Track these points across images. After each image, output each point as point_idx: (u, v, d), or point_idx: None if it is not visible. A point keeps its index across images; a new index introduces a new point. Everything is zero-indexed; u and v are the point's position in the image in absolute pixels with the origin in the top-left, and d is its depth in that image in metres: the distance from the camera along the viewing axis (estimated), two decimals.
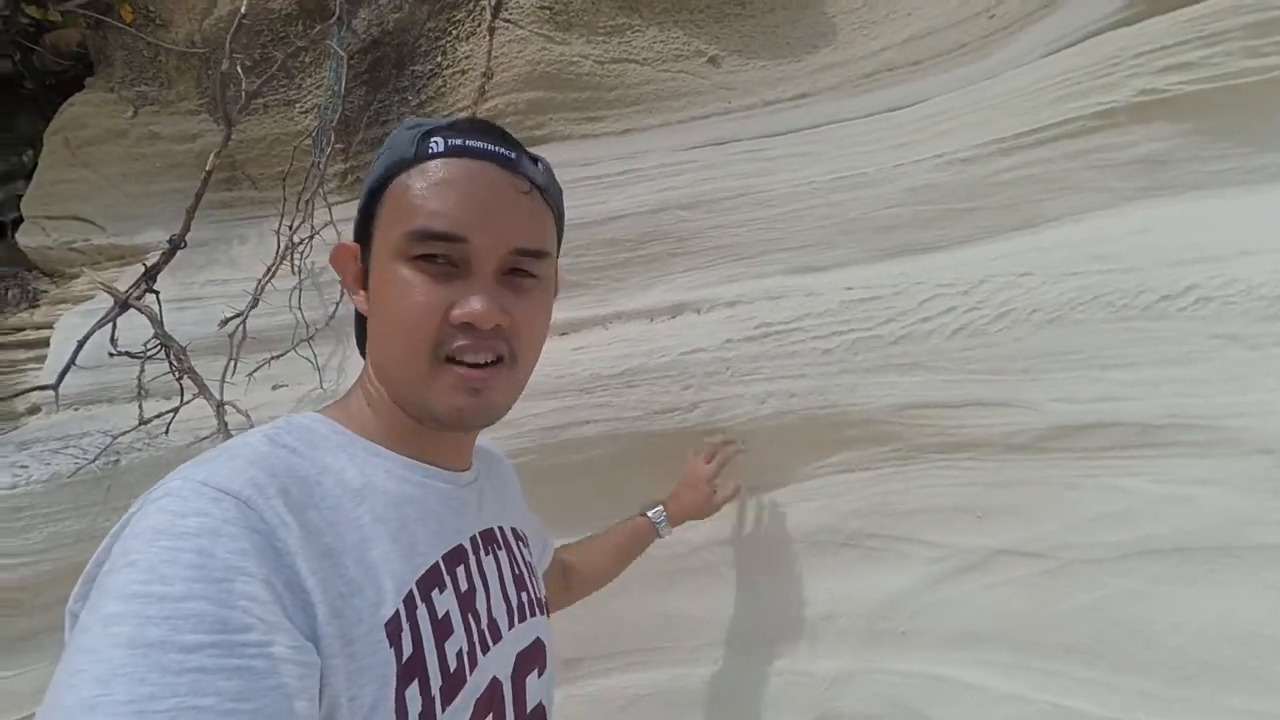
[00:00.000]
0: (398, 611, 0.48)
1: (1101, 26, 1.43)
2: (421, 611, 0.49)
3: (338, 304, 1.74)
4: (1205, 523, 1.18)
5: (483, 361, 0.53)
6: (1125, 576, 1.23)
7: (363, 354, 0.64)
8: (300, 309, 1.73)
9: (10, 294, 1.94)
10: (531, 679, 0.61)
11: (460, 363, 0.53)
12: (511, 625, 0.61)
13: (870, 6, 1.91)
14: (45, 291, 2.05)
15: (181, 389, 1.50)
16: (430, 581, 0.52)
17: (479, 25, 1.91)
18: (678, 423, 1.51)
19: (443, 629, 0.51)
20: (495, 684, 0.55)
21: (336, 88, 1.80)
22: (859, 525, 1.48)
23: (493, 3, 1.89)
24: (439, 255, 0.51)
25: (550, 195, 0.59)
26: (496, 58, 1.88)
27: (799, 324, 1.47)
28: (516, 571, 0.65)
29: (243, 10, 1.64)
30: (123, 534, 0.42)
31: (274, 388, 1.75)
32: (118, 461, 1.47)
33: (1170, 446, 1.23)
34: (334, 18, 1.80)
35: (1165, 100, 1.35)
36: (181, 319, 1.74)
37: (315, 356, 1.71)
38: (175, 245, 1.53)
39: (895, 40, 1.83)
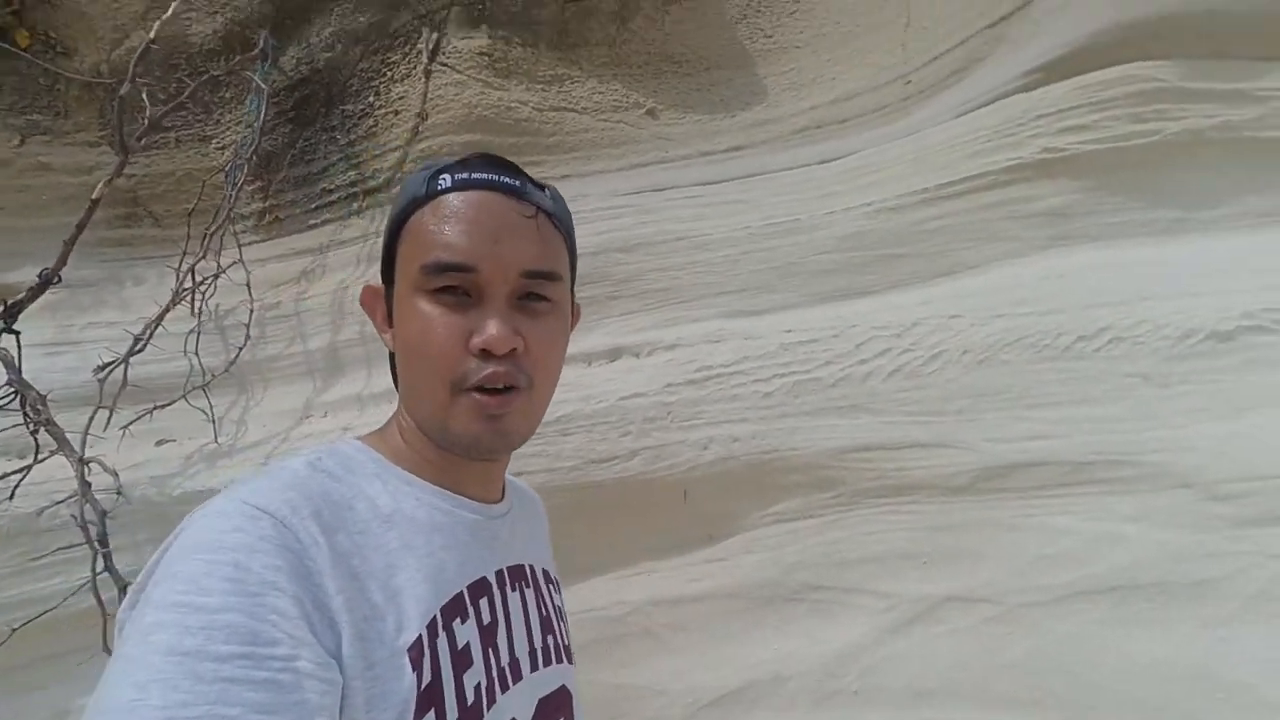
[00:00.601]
0: (420, 637, 0.48)
1: (1007, 91, 1.55)
2: (442, 640, 0.49)
3: (240, 350, 1.59)
4: (1137, 560, 1.19)
5: (499, 387, 0.53)
6: (1066, 620, 1.21)
7: (398, 389, 0.64)
8: (197, 354, 1.57)
9: None
10: None
11: (479, 391, 0.53)
12: (534, 668, 0.59)
13: (798, 70, 2.01)
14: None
15: (37, 445, 1.29)
16: (453, 610, 0.52)
17: (414, 68, 1.88)
18: (616, 472, 1.42)
19: (462, 660, 0.50)
20: None
21: (255, 123, 1.71)
22: (805, 577, 1.42)
23: (429, 47, 1.88)
24: (454, 286, 0.53)
25: (559, 220, 0.60)
26: (432, 100, 1.84)
27: (739, 367, 1.44)
28: (544, 613, 0.63)
29: (150, 35, 1.54)
30: (170, 548, 0.44)
31: (158, 443, 1.55)
32: None
33: (1099, 484, 1.25)
34: (256, 50, 1.72)
35: (1065, 158, 1.45)
36: (52, 365, 1.53)
37: (211, 408, 1.53)
38: (46, 280, 1.35)
39: (822, 101, 1.93)
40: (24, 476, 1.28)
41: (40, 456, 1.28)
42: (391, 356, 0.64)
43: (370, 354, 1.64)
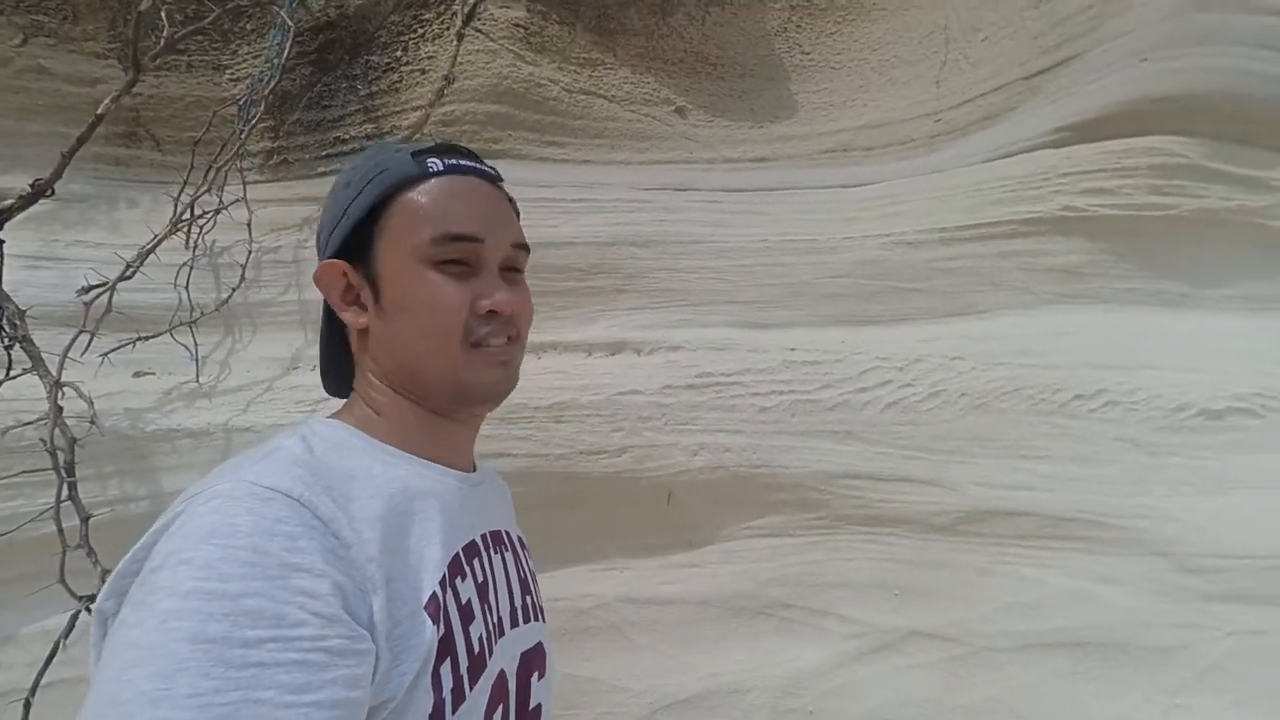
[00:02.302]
0: (434, 593, 0.51)
1: (1035, 145, 1.57)
2: (449, 596, 0.53)
3: (234, 290, 1.53)
4: (1105, 619, 1.21)
5: (502, 342, 0.60)
6: (1028, 669, 1.24)
7: (328, 381, 0.69)
8: (188, 289, 1.51)
9: None
10: (534, 680, 0.64)
11: (485, 345, 0.59)
12: (515, 624, 0.62)
13: (830, 91, 2.01)
14: None
15: (10, 360, 1.23)
16: (455, 569, 0.55)
17: (447, 29, 1.83)
18: (603, 466, 1.41)
19: (467, 614, 0.54)
20: (502, 675, 0.58)
21: (277, 60, 1.65)
22: (778, 594, 1.42)
23: (466, 9, 1.83)
24: (457, 258, 0.58)
25: (515, 206, 0.68)
26: (461, 64, 1.80)
27: (740, 378, 1.44)
28: (521, 575, 0.67)
29: None
30: (169, 533, 0.43)
31: (136, 374, 1.49)
32: None
33: (1077, 541, 1.27)
34: None
35: (1084, 219, 1.47)
36: (32, 279, 1.47)
37: (196, 346, 1.48)
38: (39, 191, 1.29)
39: (851, 125, 1.93)
40: None
41: (13, 373, 1.22)
42: (336, 345, 0.66)
43: None
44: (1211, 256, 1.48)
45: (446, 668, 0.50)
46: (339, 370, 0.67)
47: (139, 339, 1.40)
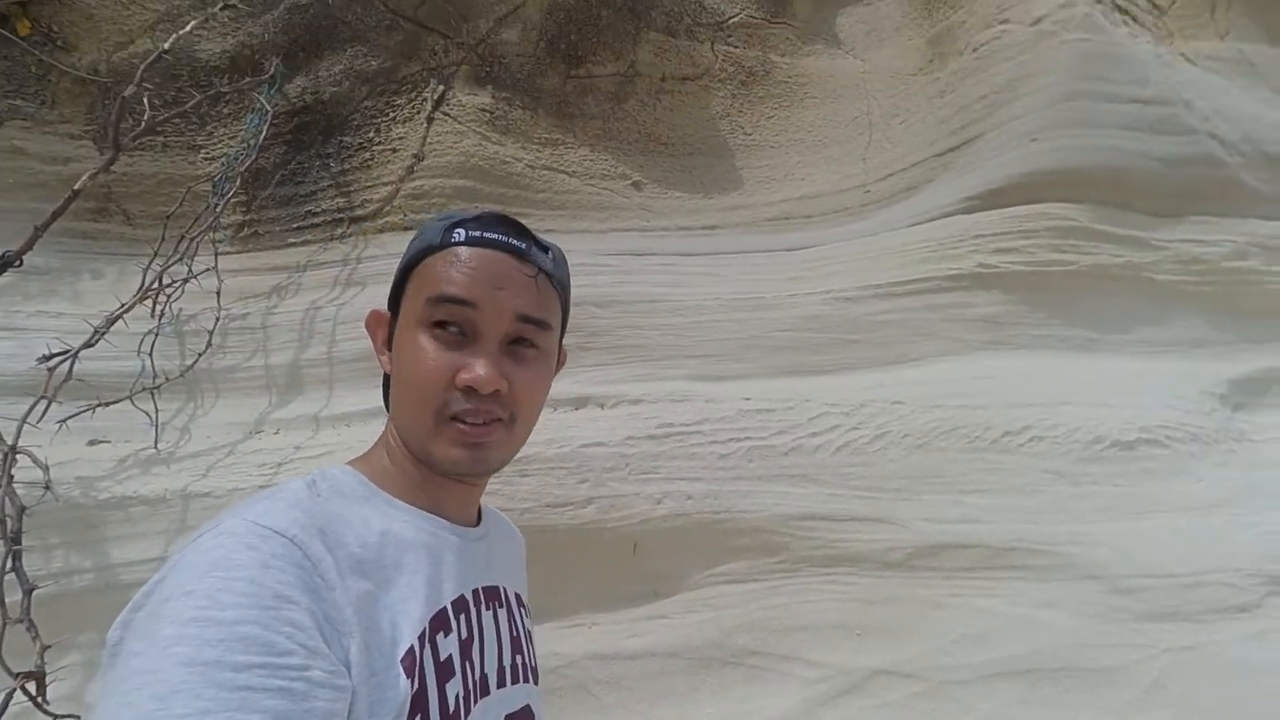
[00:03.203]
0: (412, 648, 0.51)
1: (950, 211, 1.77)
2: (428, 651, 0.53)
3: (200, 355, 1.55)
4: (1051, 644, 1.28)
5: (480, 423, 0.58)
6: (988, 699, 1.27)
7: (387, 403, 0.69)
8: (151, 356, 1.52)
9: None
10: None
11: (462, 422, 0.58)
12: (501, 685, 0.61)
13: (771, 166, 2.22)
14: None
15: None
16: (438, 624, 0.55)
17: (417, 113, 1.98)
18: (569, 518, 1.44)
19: (445, 671, 0.54)
20: None
21: (254, 141, 1.74)
22: (744, 641, 1.44)
23: (435, 97, 1.98)
24: (452, 323, 0.57)
25: (557, 280, 0.65)
26: (431, 144, 1.93)
27: (699, 427, 1.51)
28: (514, 634, 0.67)
29: (165, 46, 1.59)
30: (177, 567, 0.45)
31: (90, 443, 1.47)
32: None
33: (1019, 569, 1.35)
34: (267, 75, 1.78)
35: (998, 274, 1.65)
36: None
37: (157, 412, 1.47)
38: (8, 261, 1.31)
39: (792, 195, 2.13)
40: None
41: None
42: (386, 379, 0.68)
43: (335, 375, 1.63)
44: (1111, 306, 1.66)
45: None
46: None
47: (99, 404, 1.39)
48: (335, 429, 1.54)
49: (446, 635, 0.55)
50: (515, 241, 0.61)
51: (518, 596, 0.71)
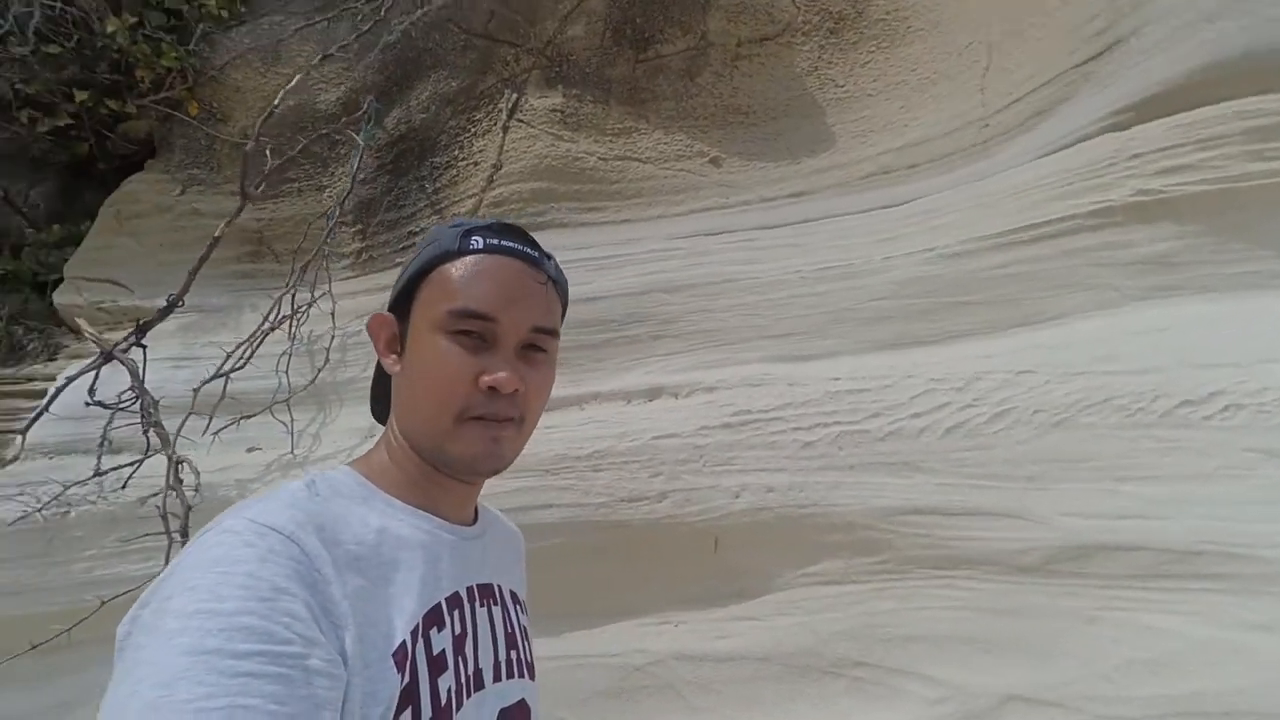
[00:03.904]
0: (404, 643, 0.52)
1: (1092, 132, 1.42)
2: (420, 646, 0.54)
3: (319, 371, 1.75)
4: (1265, 680, 0.96)
5: (500, 419, 0.61)
6: None
7: (375, 409, 0.72)
8: (287, 373, 1.74)
9: (30, 345, 2.04)
10: None
11: (481, 420, 0.60)
12: (496, 679, 0.63)
13: (869, 118, 1.97)
14: (66, 346, 2.15)
15: (148, 443, 1.48)
16: (431, 620, 0.56)
17: (494, 124, 2.06)
18: (644, 513, 1.39)
19: (437, 665, 0.55)
20: None
21: (352, 174, 1.92)
22: (845, 650, 1.28)
23: (509, 106, 2.05)
24: (473, 331, 0.60)
25: (560, 287, 0.69)
26: (506, 152, 2.00)
27: (780, 413, 1.38)
28: (509, 630, 0.68)
29: (275, 103, 1.81)
30: (181, 564, 0.48)
31: (249, 450, 1.73)
32: (67, 513, 1.43)
33: (1209, 579, 1.04)
34: (360, 112, 1.96)
35: (1166, 201, 1.29)
36: (173, 377, 1.77)
37: (292, 422, 1.69)
38: (172, 304, 1.59)
39: (891, 146, 1.87)
40: (135, 470, 1.47)
41: (148, 453, 1.47)
42: (385, 380, 0.70)
43: None
44: None
45: (407, 717, 0.51)
46: (384, 404, 0.71)
47: (242, 418, 1.63)
48: None
49: (440, 630, 0.56)
50: (528, 250, 0.65)
51: (513, 594, 0.72)
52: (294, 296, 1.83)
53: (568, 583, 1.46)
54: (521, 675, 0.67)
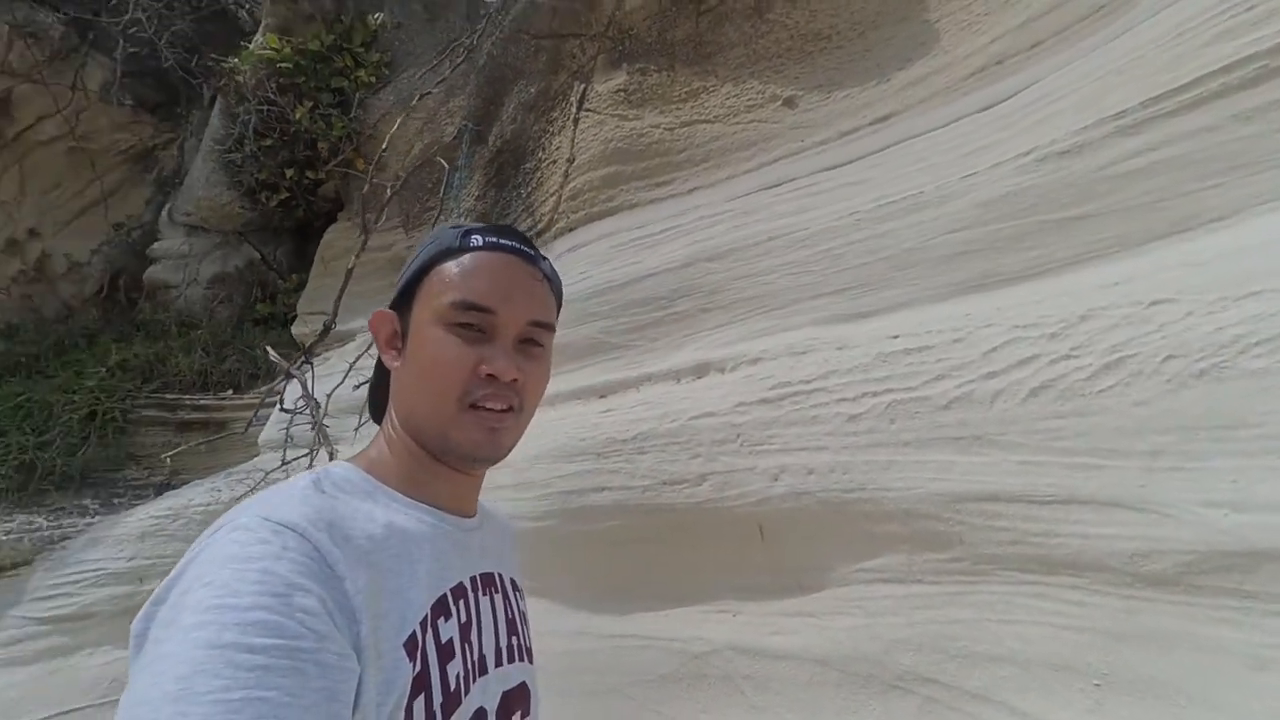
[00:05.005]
0: (414, 633, 0.55)
1: None
2: (429, 636, 0.57)
3: None
4: None
5: (499, 408, 0.63)
6: None
7: (372, 409, 0.75)
8: None
9: (275, 368, 2.75)
10: (516, 718, 0.66)
11: (481, 408, 0.62)
12: (499, 664, 0.65)
13: (982, 0, 1.55)
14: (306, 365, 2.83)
15: (316, 441, 1.89)
16: (439, 610, 0.59)
17: (567, 119, 2.11)
18: (686, 497, 1.32)
19: (446, 653, 0.58)
20: (481, 713, 0.61)
21: (452, 194, 2.16)
22: (911, 663, 1.06)
23: (578, 98, 2.08)
24: (472, 323, 0.62)
25: (555, 286, 0.72)
26: (578, 143, 2.04)
27: (822, 383, 1.19)
28: (510, 616, 0.70)
29: (384, 146, 2.11)
30: (196, 560, 0.50)
31: None
32: None
33: None
34: (456, 136, 2.18)
35: None
36: (346, 385, 2.21)
37: None
38: (327, 327, 1.98)
39: (1011, 25, 1.45)
40: (311, 460, 1.89)
41: (316, 449, 1.88)
42: (382, 381, 0.72)
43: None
44: None
45: (420, 703, 0.54)
46: (381, 403, 0.73)
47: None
48: (556, 406, 1.74)
49: (447, 620, 0.59)
50: (526, 249, 0.68)
51: (513, 581, 0.75)
52: None
53: (628, 564, 1.47)
54: (522, 659, 0.70)
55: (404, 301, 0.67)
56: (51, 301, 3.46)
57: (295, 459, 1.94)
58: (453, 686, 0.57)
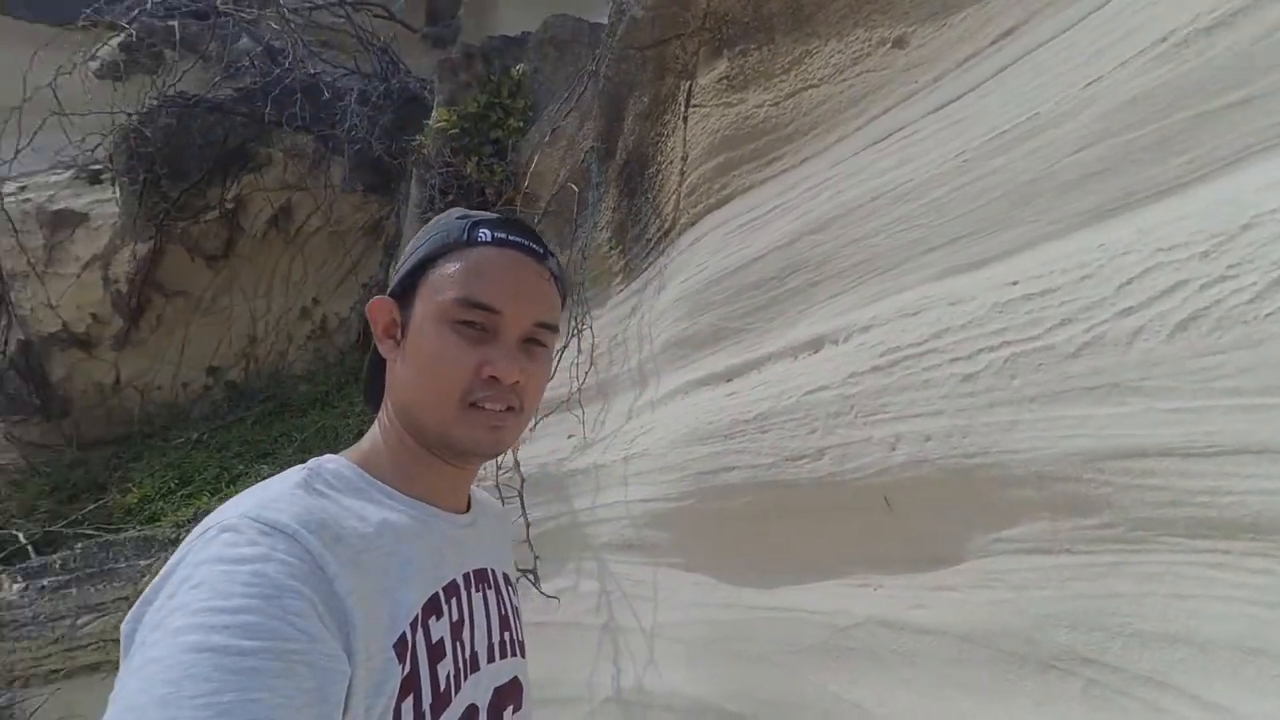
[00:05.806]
0: (404, 634, 0.55)
1: None
2: (420, 636, 0.56)
3: (586, 373, 2.25)
4: None
5: (499, 408, 0.63)
6: None
7: (369, 395, 0.73)
8: (576, 378, 2.32)
9: None
10: (508, 713, 0.67)
11: (481, 408, 0.62)
12: (491, 660, 0.66)
13: None
14: None
15: None
16: (430, 609, 0.59)
17: (678, 119, 2.19)
18: (808, 472, 1.34)
19: (436, 652, 0.58)
20: (473, 710, 0.61)
21: (588, 209, 2.38)
22: (1067, 641, 0.95)
23: (685, 96, 2.15)
24: (476, 322, 0.62)
25: (562, 284, 0.72)
26: (689, 141, 2.11)
27: (934, 344, 1.12)
28: (503, 612, 0.71)
29: (525, 182, 2.41)
30: (184, 562, 0.49)
31: (569, 436, 2.38)
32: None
33: None
34: (585, 157, 2.40)
35: None
36: None
37: (583, 412, 2.25)
38: None
39: None
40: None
41: None
42: (379, 366, 0.70)
43: (658, 366, 2.03)
44: None
45: (409, 704, 0.53)
46: (378, 390, 0.71)
47: (543, 416, 2.26)
48: (659, 408, 1.91)
49: (438, 619, 0.59)
50: (534, 245, 0.67)
51: (505, 576, 0.76)
52: (579, 318, 2.41)
53: (766, 538, 1.52)
54: (514, 654, 0.70)
55: (405, 291, 0.65)
56: (331, 351, 4.56)
57: None
58: (442, 686, 0.56)
